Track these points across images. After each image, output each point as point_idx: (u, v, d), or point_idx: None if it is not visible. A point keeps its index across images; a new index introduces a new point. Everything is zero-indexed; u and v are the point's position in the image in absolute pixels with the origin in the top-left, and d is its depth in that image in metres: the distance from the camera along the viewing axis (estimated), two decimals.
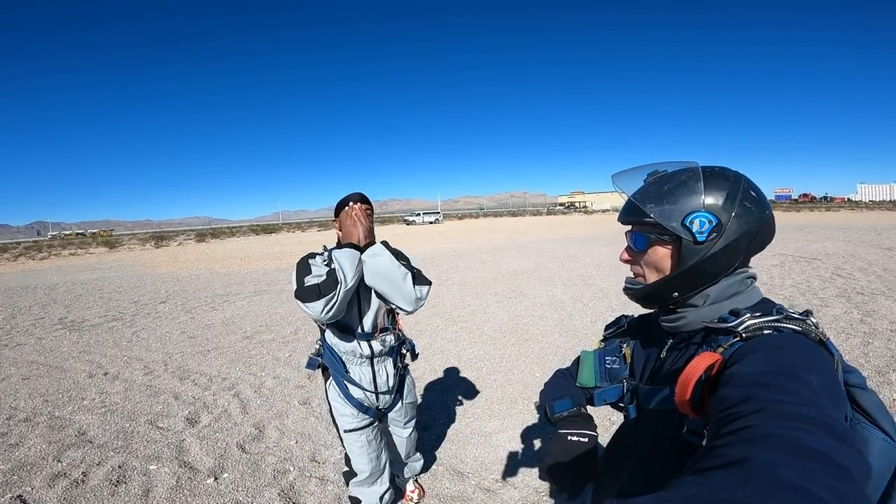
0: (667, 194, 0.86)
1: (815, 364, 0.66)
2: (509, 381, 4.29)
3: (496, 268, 11.70)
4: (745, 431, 0.50)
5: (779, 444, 0.45)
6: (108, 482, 2.69)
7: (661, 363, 0.97)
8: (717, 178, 0.85)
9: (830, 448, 0.44)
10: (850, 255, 10.84)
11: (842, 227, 20.00)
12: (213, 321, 7.08)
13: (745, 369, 0.66)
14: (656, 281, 0.91)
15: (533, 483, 2.74)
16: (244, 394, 4.12)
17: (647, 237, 0.90)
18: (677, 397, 0.73)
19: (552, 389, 1.22)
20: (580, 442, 1.06)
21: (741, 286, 0.88)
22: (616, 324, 1.21)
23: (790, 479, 0.39)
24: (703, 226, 0.83)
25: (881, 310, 5.97)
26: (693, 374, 0.72)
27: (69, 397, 4.02)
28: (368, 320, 2.04)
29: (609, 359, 1.14)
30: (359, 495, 2.28)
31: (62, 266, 16.87)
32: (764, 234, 0.86)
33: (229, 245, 26.42)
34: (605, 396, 1.11)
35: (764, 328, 0.75)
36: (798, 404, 0.53)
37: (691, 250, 0.84)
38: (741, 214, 0.83)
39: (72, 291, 10.18)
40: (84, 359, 5.20)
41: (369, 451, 2.17)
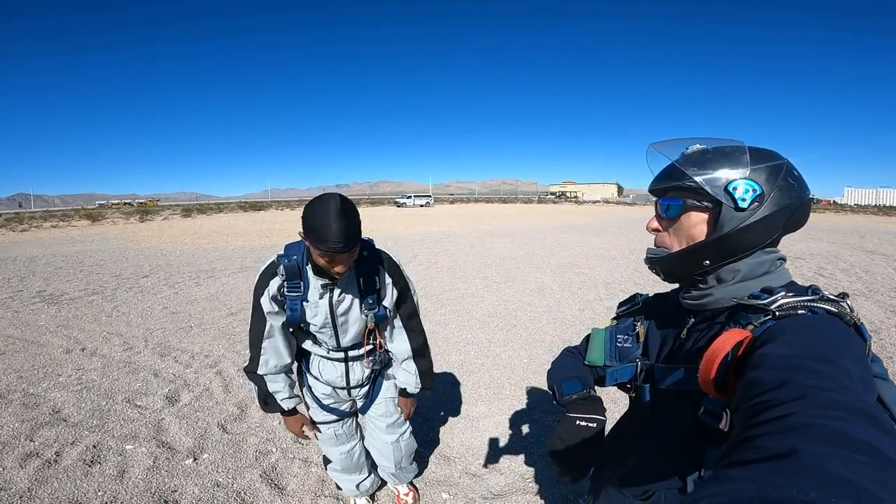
0: (711, 161, 0.84)
1: (849, 349, 0.64)
2: (496, 366, 4.24)
3: (486, 253, 11.65)
4: (786, 420, 0.48)
5: (824, 435, 0.43)
6: (82, 462, 2.59)
7: (681, 343, 0.94)
8: (764, 154, 0.85)
9: (875, 439, 0.42)
10: (833, 256, 11.00)
11: (826, 229, 20.28)
12: (197, 297, 6.92)
13: (780, 350, 0.63)
14: (688, 246, 0.88)
15: (519, 469, 2.69)
16: (227, 372, 4.02)
17: (684, 203, 0.88)
18: (701, 374, 0.71)
19: (561, 369, 1.19)
20: (588, 427, 1.04)
21: (772, 266, 0.86)
22: (630, 301, 1.17)
23: (839, 472, 0.37)
24: (746, 193, 0.81)
25: (860, 310, 6.07)
26: (721, 350, 0.70)
27: (44, 373, 3.88)
28: (346, 340, 1.81)
29: (621, 337, 1.11)
30: (337, 481, 2.21)
31: (43, 238, 16.45)
32: (801, 214, 0.85)
33: (216, 221, 26.03)
34: (617, 376, 1.08)
35: (798, 307, 0.73)
36: (837, 391, 0.51)
37: (731, 217, 0.82)
38: (784, 188, 0.82)
39: (52, 264, 9.91)
40: (61, 333, 5.04)
41: (338, 444, 2.06)
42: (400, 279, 1.81)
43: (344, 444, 2.08)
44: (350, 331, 1.77)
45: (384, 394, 2.02)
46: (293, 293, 1.64)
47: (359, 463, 2.15)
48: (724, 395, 0.71)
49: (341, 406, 2.00)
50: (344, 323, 1.74)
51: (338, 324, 1.73)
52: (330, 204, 1.39)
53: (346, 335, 1.78)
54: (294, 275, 1.62)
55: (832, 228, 20.90)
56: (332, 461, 2.13)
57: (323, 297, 1.66)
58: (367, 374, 1.95)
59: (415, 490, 2.45)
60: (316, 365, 1.90)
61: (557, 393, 1.13)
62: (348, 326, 1.76)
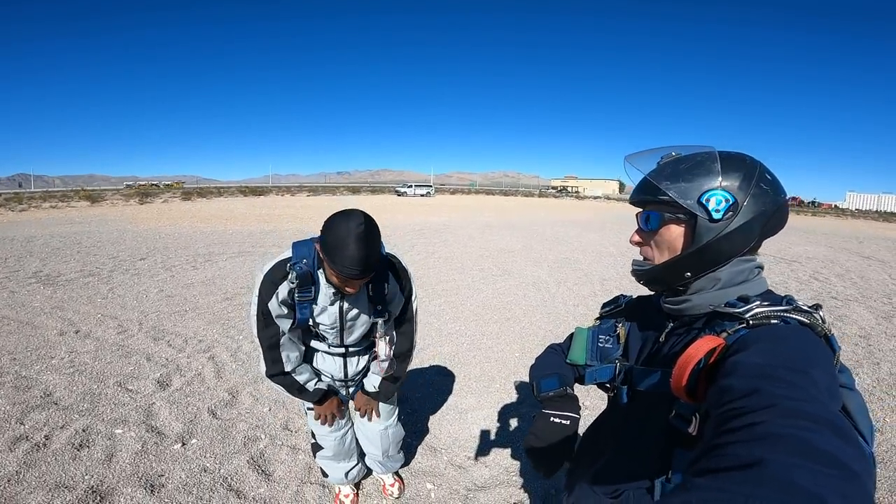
0: (683, 172, 0.85)
1: (818, 359, 0.65)
2: (488, 359, 4.26)
3: (484, 245, 11.65)
4: (755, 428, 0.49)
5: (791, 445, 0.44)
6: (71, 446, 2.60)
7: (659, 346, 0.96)
8: (734, 160, 0.85)
9: (838, 449, 0.43)
10: (829, 261, 11.02)
11: (825, 233, 20.37)
12: (194, 280, 6.93)
13: (752, 359, 0.64)
14: (669, 260, 0.90)
15: (504, 462, 2.71)
16: (220, 357, 4.03)
17: (661, 216, 0.90)
18: (673, 379, 0.72)
19: (542, 366, 1.22)
20: (562, 424, 1.07)
21: (750, 274, 0.88)
22: (613, 303, 1.20)
23: (803, 484, 0.39)
24: (719, 203, 0.82)
25: (852, 315, 6.10)
26: (693, 357, 0.71)
27: (38, 356, 3.89)
28: (350, 340, 1.85)
29: (602, 337, 1.13)
30: (325, 468, 2.23)
31: (42, 219, 16.42)
32: (778, 218, 0.86)
33: (216, 204, 25.98)
34: (596, 376, 1.10)
35: (772, 317, 0.75)
36: (805, 401, 0.52)
37: (707, 228, 0.84)
38: (757, 195, 0.83)
39: (49, 244, 9.89)
40: (56, 315, 5.05)
41: (332, 430, 2.07)
42: (407, 284, 1.84)
43: (338, 429, 2.09)
44: (356, 332, 1.82)
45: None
46: (304, 298, 1.61)
47: (349, 449, 2.17)
48: (694, 400, 0.73)
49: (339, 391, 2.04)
50: (351, 326, 1.78)
51: (345, 327, 1.77)
52: (352, 225, 1.35)
53: (351, 335, 1.82)
54: (306, 282, 1.58)
55: (831, 232, 20.97)
56: (323, 447, 2.14)
57: (334, 304, 1.69)
58: (364, 367, 1.98)
59: (400, 480, 2.47)
60: (315, 358, 1.93)
61: (535, 389, 1.16)
62: (355, 329, 1.81)
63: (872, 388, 3.87)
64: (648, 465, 0.93)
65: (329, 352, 1.89)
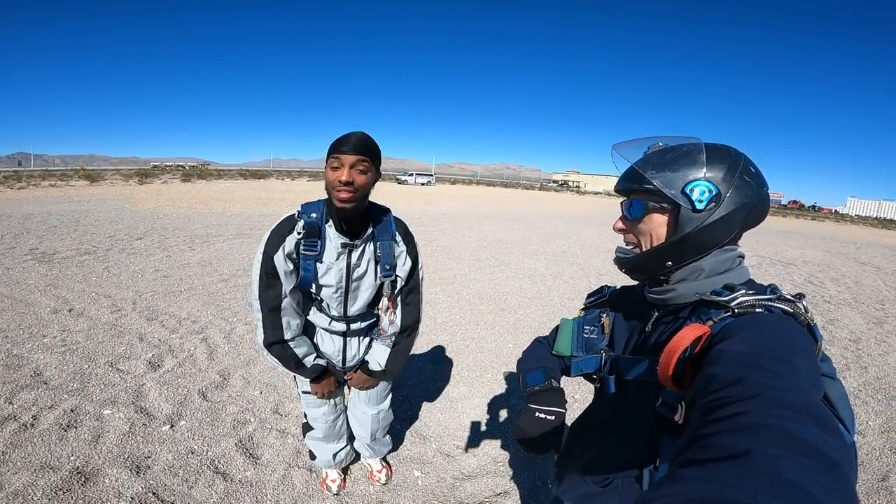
0: (669, 162, 0.86)
1: (801, 348, 0.66)
2: (481, 349, 4.25)
3: (482, 235, 11.65)
4: (740, 418, 0.49)
5: (775, 436, 0.45)
6: (58, 426, 2.58)
7: (646, 336, 0.97)
8: (720, 152, 0.86)
9: (820, 440, 0.44)
10: (825, 265, 11.07)
11: (824, 237, 20.45)
12: (190, 261, 6.90)
13: (737, 348, 0.65)
14: (650, 249, 0.91)
15: (492, 452, 2.71)
16: (213, 339, 4.02)
17: (645, 205, 0.90)
18: (660, 367, 0.73)
19: (529, 359, 1.23)
20: (547, 419, 1.08)
21: (732, 263, 0.89)
22: (598, 293, 1.20)
23: (788, 476, 0.39)
24: (702, 194, 0.83)
25: (844, 319, 6.15)
26: (680, 345, 0.71)
27: (30, 333, 3.87)
28: (354, 308, 1.74)
29: (588, 328, 1.13)
30: (314, 450, 2.22)
31: (40, 197, 16.34)
32: (760, 210, 0.86)
33: (215, 186, 25.87)
34: (582, 366, 1.10)
35: (756, 306, 0.75)
36: (788, 390, 0.53)
37: (689, 218, 0.85)
38: (740, 187, 0.83)
39: (46, 222, 9.85)
40: (50, 293, 5.02)
41: (325, 413, 2.06)
42: (413, 249, 1.78)
43: (332, 412, 2.07)
44: (360, 297, 1.71)
45: None
46: (309, 252, 1.57)
47: (340, 431, 2.15)
48: (680, 388, 0.73)
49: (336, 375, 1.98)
50: (356, 288, 1.69)
51: (350, 288, 1.67)
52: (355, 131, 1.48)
53: (355, 302, 1.71)
54: (313, 233, 1.55)
55: (829, 237, 21.04)
56: (313, 429, 2.12)
57: (340, 258, 1.61)
58: (363, 351, 1.91)
59: (388, 467, 2.46)
60: (314, 337, 1.86)
61: (522, 383, 1.17)
62: (360, 292, 1.70)
63: (858, 391, 3.91)
64: (637, 453, 0.94)
65: (329, 328, 1.80)
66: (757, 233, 18.82)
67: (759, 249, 13.01)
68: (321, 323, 1.80)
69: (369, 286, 1.71)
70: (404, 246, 1.74)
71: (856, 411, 3.49)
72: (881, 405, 3.67)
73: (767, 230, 21.21)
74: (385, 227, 1.69)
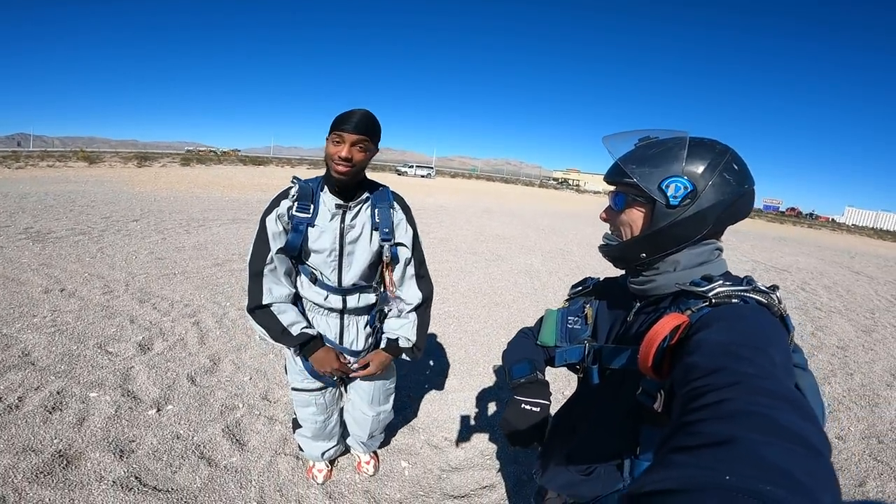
0: (650, 158, 0.87)
1: (775, 338, 0.68)
2: (474, 342, 4.24)
3: (480, 230, 11.64)
4: (722, 406, 0.50)
5: (757, 422, 0.46)
6: (43, 408, 2.55)
7: (627, 326, 0.98)
8: (702, 148, 0.86)
9: (801, 427, 0.45)
10: (818, 273, 11.08)
11: (819, 245, 20.46)
12: (185, 244, 6.86)
13: (715, 337, 0.66)
14: (627, 240, 0.93)
15: (480, 445, 2.70)
16: (204, 323, 3.99)
17: (626, 197, 0.92)
18: (640, 356, 0.74)
19: (514, 351, 1.24)
20: (532, 411, 1.10)
21: (710, 256, 0.90)
22: (581, 284, 1.21)
23: (773, 460, 0.40)
24: (678, 190, 0.84)
25: (833, 326, 6.16)
26: (659, 333, 0.72)
27: (20, 313, 3.83)
28: (350, 276, 1.68)
29: (571, 318, 1.15)
30: (302, 445, 2.19)
31: (38, 177, 16.24)
32: (739, 207, 0.86)
33: (214, 171, 25.73)
34: (566, 357, 1.11)
35: (733, 296, 0.77)
36: (766, 379, 0.54)
37: (663, 213, 0.86)
38: (718, 184, 0.84)
39: (42, 202, 9.78)
40: (43, 272, 4.98)
41: (315, 414, 2.00)
42: (412, 220, 1.76)
43: (321, 413, 2.01)
44: (355, 264, 1.67)
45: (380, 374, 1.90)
46: (301, 214, 1.61)
47: (331, 432, 2.11)
48: (660, 377, 0.75)
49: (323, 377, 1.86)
50: (350, 253, 1.65)
51: (344, 252, 1.64)
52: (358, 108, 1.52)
53: (349, 268, 1.67)
54: (305, 196, 1.62)
55: (825, 246, 21.06)
56: (301, 427, 2.08)
57: (334, 219, 1.61)
58: (362, 337, 1.82)
59: (376, 458, 2.44)
60: (310, 321, 1.77)
61: (508, 375, 1.18)
62: (354, 258, 1.66)
63: (842, 397, 3.91)
64: (618, 443, 0.97)
65: (325, 304, 1.71)
66: (752, 238, 18.83)
67: (754, 255, 13.06)
68: (316, 299, 1.72)
69: (364, 251, 1.67)
70: (403, 214, 1.73)
71: (839, 417, 3.51)
72: (864, 411, 3.67)
73: (763, 236, 21.28)
74: (382, 195, 1.71)
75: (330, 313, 1.76)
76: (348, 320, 1.78)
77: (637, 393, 0.85)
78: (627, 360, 0.93)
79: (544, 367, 1.19)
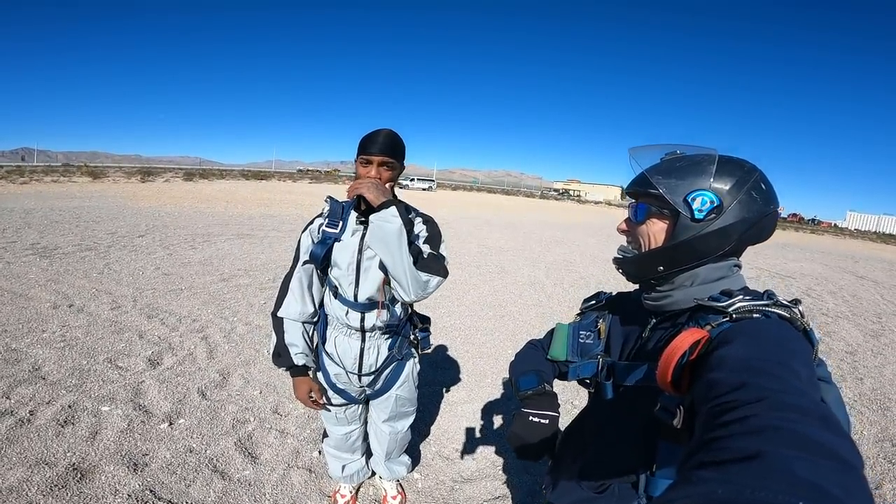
0: (677, 170, 0.87)
1: (799, 352, 0.67)
2: (481, 355, 4.25)
3: (483, 242, 11.66)
4: (748, 421, 0.49)
5: (786, 437, 0.44)
6: (56, 422, 2.57)
7: (643, 341, 0.97)
8: (731, 165, 0.86)
9: (831, 441, 0.44)
10: (823, 278, 11.09)
11: (822, 251, 20.42)
12: (191, 260, 6.90)
13: (737, 352, 0.65)
14: (646, 252, 0.93)
15: (491, 456, 2.70)
16: (213, 338, 4.01)
17: (649, 209, 0.92)
18: (659, 371, 0.73)
19: (521, 362, 1.23)
20: (541, 423, 1.09)
21: (728, 271, 0.90)
22: (594, 298, 1.21)
23: (804, 475, 0.39)
24: (703, 204, 0.84)
25: (840, 332, 6.16)
26: (679, 348, 0.72)
27: (29, 328, 3.86)
28: (364, 291, 1.70)
29: (583, 333, 1.14)
30: (327, 456, 2.19)
31: (43, 192, 16.35)
32: (763, 226, 0.87)
33: (217, 186, 25.88)
34: (579, 371, 1.10)
35: (754, 311, 0.76)
36: (791, 394, 0.53)
37: (686, 226, 0.86)
38: (745, 202, 0.84)
39: (48, 217, 9.85)
40: (51, 288, 5.02)
41: (336, 425, 2.02)
42: (433, 227, 1.74)
43: (345, 425, 2.03)
44: (371, 279, 1.69)
45: (395, 390, 1.94)
46: (330, 229, 1.70)
47: (353, 446, 2.11)
48: (679, 392, 0.74)
49: (351, 391, 1.91)
50: (367, 269, 1.68)
51: (362, 267, 1.68)
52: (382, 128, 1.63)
53: (365, 283, 1.69)
54: (336, 213, 1.72)
55: (828, 251, 21.00)
56: (328, 436, 2.11)
57: (355, 234, 1.68)
58: (381, 361, 1.83)
59: (403, 494, 2.33)
60: (332, 341, 1.81)
61: (515, 387, 1.17)
62: (370, 273, 1.69)
63: (853, 401, 3.92)
64: (633, 459, 0.95)
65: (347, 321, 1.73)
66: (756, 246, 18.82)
67: (757, 262, 13.03)
68: (339, 313, 1.74)
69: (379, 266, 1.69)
70: (423, 225, 1.75)
71: (851, 420, 3.51)
72: (876, 415, 3.68)
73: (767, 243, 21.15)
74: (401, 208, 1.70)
75: (351, 333, 1.78)
76: (370, 342, 1.79)
77: (656, 409, 0.83)
78: (644, 375, 0.92)
79: (553, 380, 1.17)
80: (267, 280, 6.04)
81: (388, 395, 1.95)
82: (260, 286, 5.74)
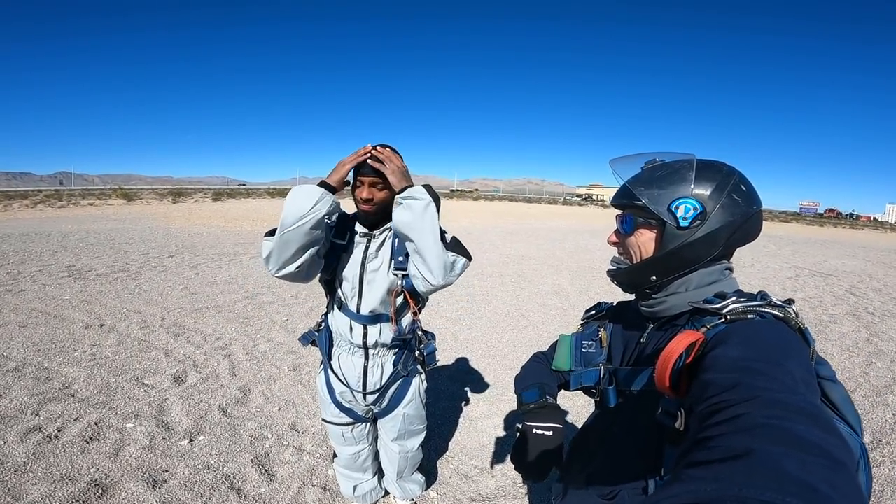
0: (658, 180, 0.88)
1: (794, 352, 0.67)
2: (503, 367, 4.19)
3: (505, 251, 11.61)
4: (739, 420, 0.50)
5: (776, 435, 0.45)
6: (81, 438, 2.64)
7: (642, 347, 0.98)
8: (710, 170, 0.87)
9: (821, 439, 0.44)
10: (867, 275, 10.64)
11: (863, 246, 19.65)
12: (217, 279, 7.06)
13: (731, 353, 0.66)
14: (637, 263, 0.94)
15: (511, 473, 2.64)
16: (236, 355, 4.08)
17: (636, 220, 0.93)
18: (657, 374, 0.74)
19: (525, 377, 1.25)
20: (545, 436, 1.08)
21: (720, 275, 0.91)
22: (595, 308, 1.23)
23: (793, 472, 0.39)
24: (687, 212, 0.85)
25: (889, 331, 5.86)
26: (675, 351, 0.72)
27: (61, 348, 4.00)
28: (368, 303, 1.70)
29: (585, 343, 1.15)
30: (338, 476, 2.19)
31: (79, 215, 17.06)
32: (748, 228, 0.88)
33: (244, 205, 26.51)
34: (581, 380, 1.11)
35: (748, 312, 0.77)
36: (784, 392, 0.54)
37: (673, 235, 0.87)
38: (727, 205, 0.85)
39: (84, 240, 10.25)
40: (84, 308, 5.20)
41: (345, 445, 2.02)
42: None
43: (352, 445, 2.03)
44: (374, 292, 1.69)
45: (401, 408, 1.92)
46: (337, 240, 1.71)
47: (363, 465, 2.11)
48: (678, 395, 0.74)
49: (357, 409, 1.91)
50: (371, 281, 1.69)
51: (365, 280, 1.69)
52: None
53: (369, 295, 1.70)
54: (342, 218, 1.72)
55: (870, 246, 20.19)
56: (338, 456, 2.11)
57: (358, 247, 1.70)
58: (385, 378, 1.82)
59: None
60: (337, 358, 1.82)
61: (518, 402, 1.18)
62: (374, 286, 1.69)
63: None
64: (640, 464, 0.95)
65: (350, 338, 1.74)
66: (791, 243, 18.22)
67: (795, 260, 12.61)
68: (343, 327, 1.75)
69: (383, 279, 1.70)
70: None
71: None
72: None
73: (805, 241, 20.56)
74: None
75: (354, 350, 1.78)
76: (373, 360, 1.79)
77: (657, 413, 0.83)
78: (644, 380, 0.92)
79: (556, 392, 1.18)
80: (289, 297, 6.12)
81: (395, 413, 1.93)
82: (283, 303, 5.81)
